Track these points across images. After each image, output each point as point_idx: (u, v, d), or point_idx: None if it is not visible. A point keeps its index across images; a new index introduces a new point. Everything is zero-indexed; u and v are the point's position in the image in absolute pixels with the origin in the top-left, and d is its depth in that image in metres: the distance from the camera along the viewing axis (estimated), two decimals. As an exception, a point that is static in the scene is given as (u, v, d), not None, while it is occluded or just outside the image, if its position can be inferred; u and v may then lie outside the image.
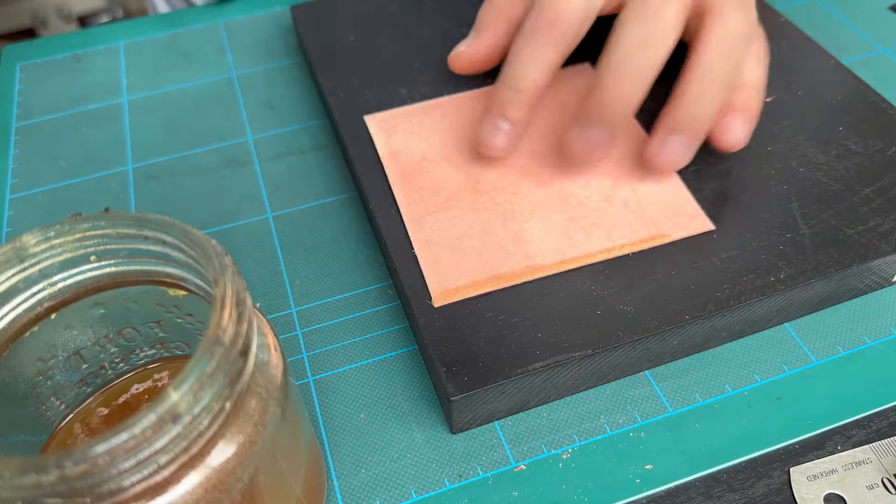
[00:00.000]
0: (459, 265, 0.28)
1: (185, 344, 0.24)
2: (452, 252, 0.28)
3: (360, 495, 0.25)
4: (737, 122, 0.30)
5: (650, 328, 0.26)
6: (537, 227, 0.29)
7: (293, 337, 0.30)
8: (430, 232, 0.29)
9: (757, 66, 0.31)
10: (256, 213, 0.35)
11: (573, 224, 0.29)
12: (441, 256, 0.28)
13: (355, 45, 0.39)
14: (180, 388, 0.15)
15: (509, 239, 0.29)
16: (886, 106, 0.33)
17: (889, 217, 0.29)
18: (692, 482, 0.25)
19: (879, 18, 0.42)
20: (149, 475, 0.15)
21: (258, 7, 0.47)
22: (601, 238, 0.29)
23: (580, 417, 0.27)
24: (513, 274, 0.28)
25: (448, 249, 0.29)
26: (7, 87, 0.42)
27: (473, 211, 0.30)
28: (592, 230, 0.29)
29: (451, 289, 0.27)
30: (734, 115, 0.30)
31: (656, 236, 0.29)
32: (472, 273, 0.28)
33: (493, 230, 0.29)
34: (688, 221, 0.29)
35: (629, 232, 0.29)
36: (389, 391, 0.28)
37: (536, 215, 0.30)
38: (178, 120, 0.39)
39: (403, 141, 0.33)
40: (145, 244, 0.19)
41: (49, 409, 0.22)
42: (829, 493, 0.25)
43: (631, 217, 0.29)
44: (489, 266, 0.28)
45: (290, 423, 0.20)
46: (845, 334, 0.29)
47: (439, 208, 0.30)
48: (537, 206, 0.30)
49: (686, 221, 0.29)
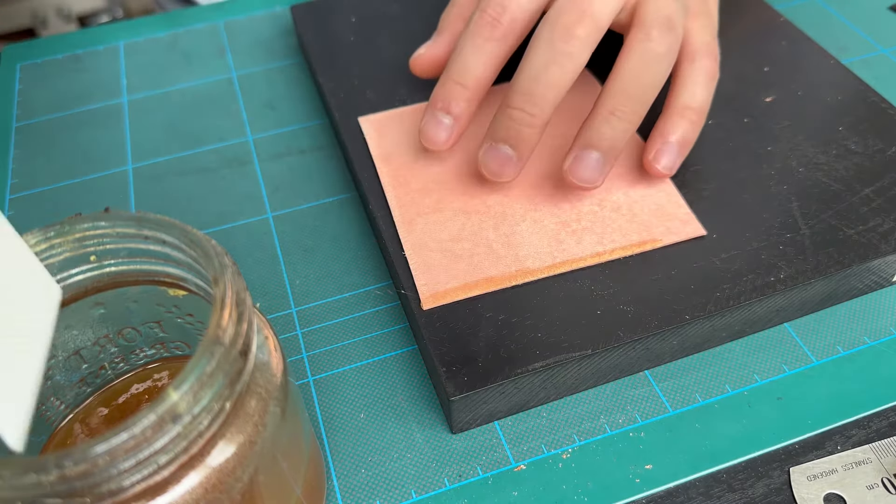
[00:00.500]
0: (450, 268, 0.28)
1: (185, 344, 0.24)
2: (443, 255, 0.28)
3: (360, 495, 0.25)
4: (666, 152, 0.30)
5: (650, 328, 0.26)
6: (528, 230, 0.29)
7: (293, 337, 0.30)
8: (420, 234, 0.29)
9: (702, 87, 0.31)
10: (256, 213, 0.35)
11: (564, 228, 0.29)
12: (431, 259, 0.28)
13: (355, 45, 0.39)
14: (180, 388, 0.15)
15: (500, 242, 0.29)
16: (886, 106, 0.33)
17: (889, 217, 0.29)
18: (692, 482, 0.25)
19: (879, 18, 0.42)
20: (149, 475, 0.15)
21: (258, 7, 0.47)
22: (592, 242, 0.29)
23: (580, 417, 0.27)
24: (503, 277, 0.28)
25: (438, 252, 0.29)
26: (7, 87, 0.42)
27: (465, 213, 0.30)
28: (584, 234, 0.29)
29: (441, 291, 0.27)
30: (665, 144, 0.30)
31: (647, 241, 0.29)
32: (462, 276, 0.28)
33: (484, 233, 0.29)
34: (679, 226, 0.29)
35: (620, 237, 0.29)
36: (389, 391, 0.28)
37: (528, 218, 0.30)
38: (178, 120, 0.39)
39: (396, 143, 0.33)
40: (145, 244, 0.19)
41: (49, 409, 0.22)
42: (829, 493, 0.25)
43: (622, 221, 0.29)
44: (479, 269, 0.28)
45: (290, 423, 0.20)
46: (845, 334, 0.29)
47: (431, 210, 0.30)
48: (529, 209, 0.30)
49: (678, 226, 0.29)
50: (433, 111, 0.31)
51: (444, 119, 0.30)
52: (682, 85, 0.31)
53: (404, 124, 0.34)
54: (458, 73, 0.30)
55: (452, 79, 0.30)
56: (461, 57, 0.30)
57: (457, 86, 0.30)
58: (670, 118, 0.30)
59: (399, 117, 0.34)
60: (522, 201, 0.30)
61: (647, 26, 0.29)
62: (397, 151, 0.33)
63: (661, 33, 0.29)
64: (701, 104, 0.31)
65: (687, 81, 0.31)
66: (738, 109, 0.34)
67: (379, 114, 0.35)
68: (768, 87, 0.35)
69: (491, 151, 0.29)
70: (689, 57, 0.31)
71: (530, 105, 0.28)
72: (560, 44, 0.28)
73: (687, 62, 0.31)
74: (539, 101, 0.28)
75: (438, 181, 0.31)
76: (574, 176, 0.29)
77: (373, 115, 0.35)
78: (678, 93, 0.31)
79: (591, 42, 0.29)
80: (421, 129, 0.31)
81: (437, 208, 0.30)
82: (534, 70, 0.28)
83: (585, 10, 0.28)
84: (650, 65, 0.29)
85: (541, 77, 0.28)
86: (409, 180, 0.31)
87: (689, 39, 0.31)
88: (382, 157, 0.32)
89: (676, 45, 0.30)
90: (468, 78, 0.30)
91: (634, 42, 0.29)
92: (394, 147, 0.33)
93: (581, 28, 0.28)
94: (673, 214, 0.30)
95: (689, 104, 0.30)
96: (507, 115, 0.29)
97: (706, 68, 0.31)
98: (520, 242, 0.29)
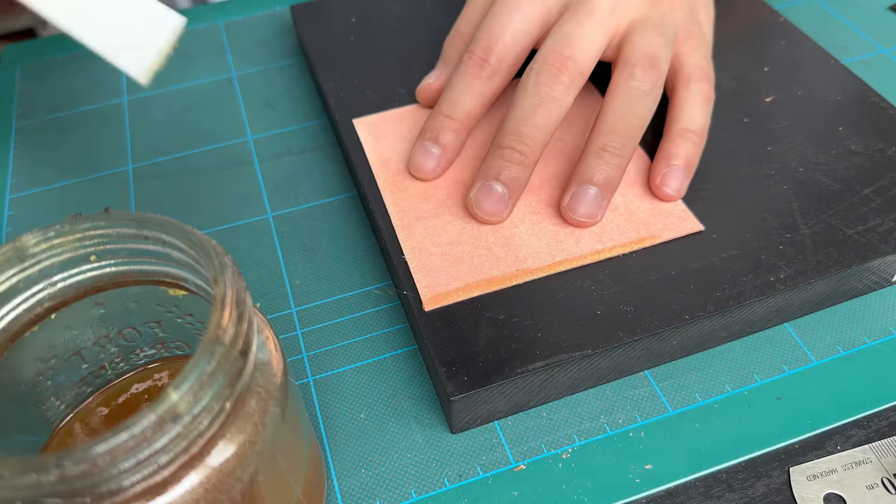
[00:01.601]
0: (450, 270, 0.28)
1: (185, 344, 0.24)
2: (442, 258, 0.28)
3: (360, 495, 0.25)
4: (673, 175, 0.30)
5: (650, 328, 0.26)
6: (527, 231, 0.29)
7: (293, 337, 0.30)
8: (420, 238, 0.29)
9: (699, 110, 0.31)
10: (256, 213, 0.35)
11: (563, 228, 0.29)
12: (431, 262, 0.28)
13: (355, 45, 0.39)
14: (180, 388, 0.15)
15: (500, 244, 0.29)
16: (886, 106, 0.33)
17: (889, 217, 0.29)
18: (692, 482, 0.25)
19: (879, 18, 0.42)
20: (149, 475, 0.15)
21: (258, 7, 0.47)
22: (591, 241, 0.29)
23: (580, 417, 0.27)
24: (503, 277, 0.28)
25: (438, 255, 0.29)
26: (7, 87, 0.42)
27: (464, 218, 0.30)
28: (582, 234, 0.29)
29: (442, 293, 0.27)
30: (671, 168, 0.30)
31: (646, 238, 0.29)
32: (462, 277, 0.28)
33: (483, 236, 0.29)
34: (677, 222, 0.29)
35: (619, 234, 0.29)
36: (389, 391, 0.28)
37: (526, 220, 0.30)
38: (178, 120, 0.39)
39: (392, 146, 0.33)
40: (145, 244, 0.19)
41: (49, 409, 0.22)
42: (829, 492, 0.25)
43: (620, 220, 0.30)
44: (479, 270, 0.28)
45: (290, 423, 0.20)
46: (845, 334, 0.29)
47: (429, 215, 0.30)
48: (527, 211, 0.30)
49: (675, 223, 0.29)
50: (422, 141, 0.32)
51: (433, 149, 0.31)
52: (680, 109, 0.31)
53: (400, 126, 0.34)
54: (448, 108, 0.32)
55: (442, 112, 0.32)
56: (452, 92, 0.32)
57: (446, 118, 0.31)
58: (672, 141, 0.31)
59: (394, 119, 0.34)
60: (521, 205, 0.30)
61: (630, 65, 0.30)
62: (394, 156, 0.33)
63: (643, 71, 0.30)
64: (700, 126, 0.31)
65: (684, 105, 0.31)
66: (738, 109, 0.34)
67: (373, 115, 0.35)
68: (768, 87, 0.35)
69: (483, 190, 0.29)
70: (684, 81, 0.32)
71: (520, 144, 0.29)
72: (545, 88, 0.29)
73: (682, 86, 0.32)
74: (528, 140, 0.29)
75: (437, 185, 0.31)
76: (573, 212, 0.29)
77: (367, 117, 0.35)
78: (676, 117, 0.31)
79: (576, 86, 0.30)
80: (410, 159, 0.32)
81: (436, 213, 0.30)
82: (522, 113, 0.30)
83: (568, 57, 0.30)
84: (635, 102, 0.30)
85: (529, 119, 0.29)
86: (408, 186, 0.31)
87: (683, 63, 0.32)
88: (380, 163, 0.32)
89: (660, 80, 0.31)
90: (457, 112, 0.31)
91: (619, 81, 0.30)
92: (390, 151, 0.33)
93: (565, 74, 0.30)
94: (670, 212, 0.30)
95: (688, 127, 0.31)
96: (499, 155, 0.30)
97: (701, 91, 0.32)
98: (519, 244, 0.29)
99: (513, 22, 0.31)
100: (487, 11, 0.32)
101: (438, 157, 0.31)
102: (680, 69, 0.32)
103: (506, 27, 0.31)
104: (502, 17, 0.31)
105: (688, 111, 0.31)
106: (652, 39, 0.31)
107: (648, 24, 0.31)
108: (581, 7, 0.31)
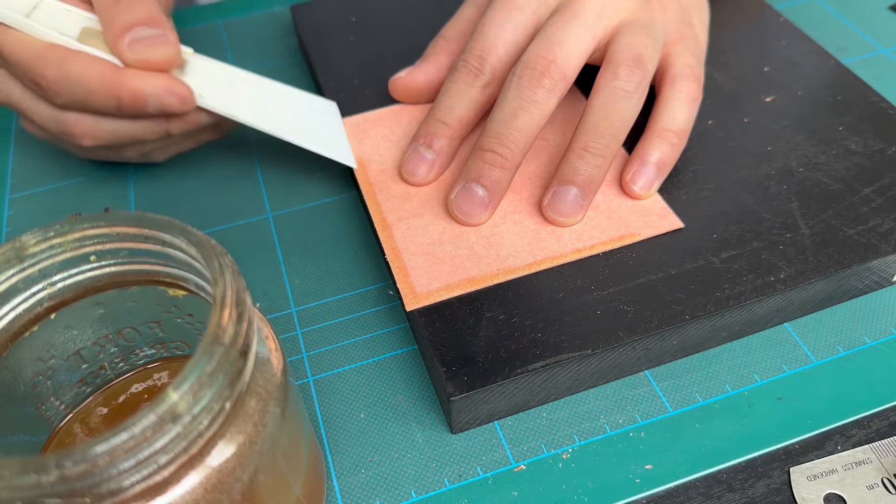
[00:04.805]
0: (432, 270, 0.28)
1: (184, 344, 0.24)
2: (424, 258, 0.29)
3: (360, 495, 0.25)
4: (643, 173, 0.30)
5: (650, 328, 0.26)
6: (509, 231, 0.29)
7: (293, 337, 0.30)
8: (401, 238, 0.29)
9: (682, 109, 0.31)
10: (256, 213, 0.35)
11: (544, 227, 0.29)
12: (413, 262, 0.28)
13: (355, 45, 0.39)
14: (180, 388, 0.15)
15: (481, 244, 0.29)
16: (886, 106, 0.33)
17: (889, 217, 0.29)
18: (692, 482, 0.25)
19: (879, 18, 0.42)
20: (149, 475, 0.15)
21: (258, 7, 0.47)
22: (572, 239, 0.29)
23: (580, 417, 0.27)
24: (485, 277, 0.28)
25: (420, 255, 0.29)
26: (7, 87, 0.42)
27: (446, 218, 0.30)
28: (563, 232, 0.29)
29: (424, 293, 0.27)
30: (643, 166, 0.30)
31: (626, 236, 0.29)
32: (444, 277, 0.28)
33: (465, 235, 0.29)
34: (657, 220, 0.29)
35: (599, 232, 0.29)
36: (389, 391, 0.28)
37: (508, 220, 0.30)
38: (178, 120, 0.39)
39: (375, 146, 0.33)
40: (145, 244, 0.19)
41: (49, 409, 0.22)
42: (829, 493, 0.25)
43: (601, 218, 0.30)
44: (461, 270, 0.28)
45: (290, 423, 0.20)
46: (845, 334, 0.29)
47: (411, 215, 0.30)
48: (508, 211, 0.30)
49: (655, 220, 0.29)
50: (416, 145, 0.32)
51: (427, 154, 0.31)
52: (663, 107, 0.31)
53: (383, 127, 0.34)
54: (442, 114, 0.32)
55: (436, 117, 0.32)
56: (446, 98, 0.32)
57: (440, 124, 0.32)
58: (650, 140, 0.31)
59: (377, 119, 0.35)
60: (502, 204, 0.30)
61: (615, 65, 0.30)
62: (376, 156, 0.33)
63: (628, 71, 0.30)
64: (681, 126, 0.31)
65: (667, 104, 0.31)
66: (738, 109, 0.34)
67: (355, 116, 0.35)
68: (768, 87, 0.35)
69: (463, 192, 0.29)
70: (670, 80, 0.32)
71: (501, 147, 0.29)
72: (527, 92, 0.29)
73: (668, 85, 0.32)
74: (510, 143, 0.29)
75: (419, 186, 0.31)
76: (554, 211, 0.29)
77: (350, 118, 0.35)
78: (658, 115, 0.31)
79: (559, 90, 0.30)
80: (403, 163, 0.32)
81: (418, 213, 0.30)
82: (503, 116, 0.30)
83: (551, 61, 0.30)
84: (618, 103, 0.30)
85: (510, 122, 0.29)
86: (390, 186, 0.32)
87: (671, 63, 0.32)
88: (362, 162, 0.33)
89: (646, 80, 0.30)
90: (451, 118, 0.31)
91: (603, 81, 0.30)
92: (372, 152, 0.33)
93: (548, 79, 0.29)
94: (650, 209, 0.30)
95: (668, 126, 0.31)
96: (480, 157, 0.30)
97: (687, 90, 0.31)
98: (500, 243, 0.29)
99: (504, 31, 0.31)
100: (476, 22, 0.32)
101: (432, 161, 0.31)
102: (668, 68, 0.32)
103: (498, 38, 0.31)
104: (493, 27, 0.31)
105: (670, 110, 0.31)
106: (638, 39, 0.31)
107: (636, 25, 0.31)
108: (567, 10, 0.30)
